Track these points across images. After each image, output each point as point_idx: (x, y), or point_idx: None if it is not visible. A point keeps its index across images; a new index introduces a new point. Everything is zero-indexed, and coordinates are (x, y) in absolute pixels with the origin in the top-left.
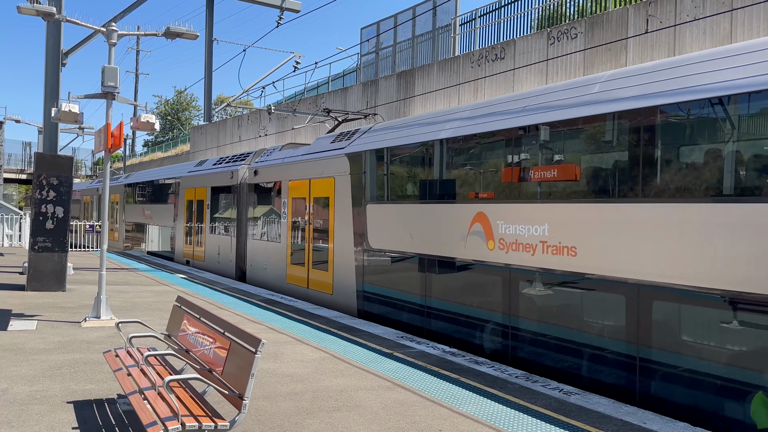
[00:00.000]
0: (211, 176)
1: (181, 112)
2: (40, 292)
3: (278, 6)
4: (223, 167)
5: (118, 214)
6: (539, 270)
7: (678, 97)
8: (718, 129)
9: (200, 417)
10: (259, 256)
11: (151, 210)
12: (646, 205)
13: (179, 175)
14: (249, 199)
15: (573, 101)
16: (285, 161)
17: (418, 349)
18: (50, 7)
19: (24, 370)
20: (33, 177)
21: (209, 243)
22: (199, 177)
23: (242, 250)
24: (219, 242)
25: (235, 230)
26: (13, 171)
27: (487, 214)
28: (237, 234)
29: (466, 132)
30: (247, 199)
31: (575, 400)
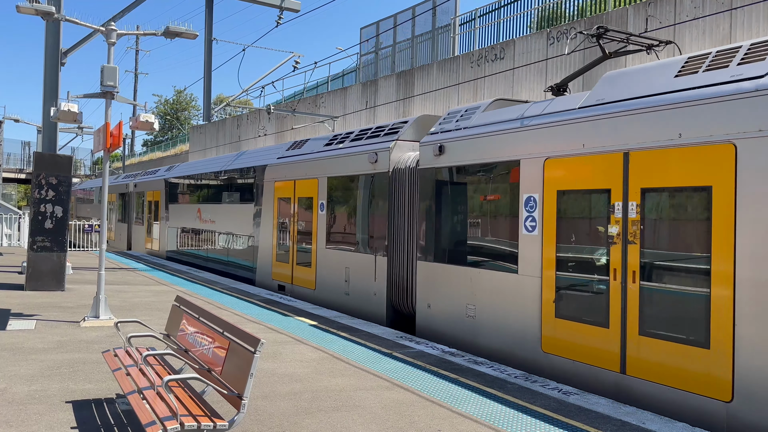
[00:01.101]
0: (329, 162)
1: (180, 112)
2: (38, 292)
3: (278, 6)
4: (352, 148)
5: (158, 216)
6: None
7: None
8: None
9: (199, 417)
10: (449, 290)
11: (213, 212)
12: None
13: (261, 164)
14: (417, 193)
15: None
16: (539, 123)
17: (417, 349)
18: (49, 7)
19: (23, 369)
20: (32, 176)
21: (325, 262)
22: (303, 165)
23: (401, 276)
24: (346, 261)
25: (387, 244)
26: (12, 170)
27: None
28: (390, 250)
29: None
30: (410, 195)
31: (574, 400)
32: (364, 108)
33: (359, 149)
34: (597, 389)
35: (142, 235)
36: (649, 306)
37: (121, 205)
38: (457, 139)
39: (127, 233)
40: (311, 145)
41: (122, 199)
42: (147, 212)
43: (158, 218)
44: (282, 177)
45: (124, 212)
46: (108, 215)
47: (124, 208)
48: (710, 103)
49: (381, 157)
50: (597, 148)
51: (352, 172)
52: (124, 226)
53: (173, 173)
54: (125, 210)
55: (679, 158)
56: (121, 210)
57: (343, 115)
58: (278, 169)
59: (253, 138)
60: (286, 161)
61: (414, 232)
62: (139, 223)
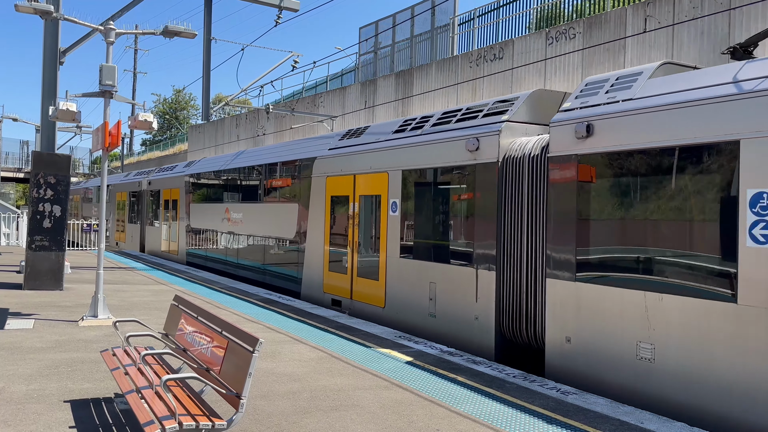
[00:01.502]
0: (405, 152)
1: (179, 111)
2: (37, 291)
3: (277, 5)
4: (439, 134)
5: (176, 216)
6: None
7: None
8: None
9: (197, 416)
10: (607, 321)
11: (245, 212)
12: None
13: (307, 156)
14: (545, 189)
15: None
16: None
17: (416, 348)
18: (48, 6)
19: (21, 369)
20: (30, 176)
21: (399, 274)
22: (366, 156)
23: (516, 296)
24: (431, 275)
25: (495, 255)
26: (10, 170)
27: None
28: (500, 262)
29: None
30: (533, 191)
31: (573, 399)
32: (363, 108)
33: (450, 135)
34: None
35: (157, 236)
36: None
37: (132, 205)
38: (619, 114)
39: (141, 235)
40: (374, 132)
41: (134, 198)
42: (163, 212)
43: (177, 219)
44: (336, 171)
45: (137, 212)
46: (118, 215)
47: (137, 207)
48: None
49: (485, 144)
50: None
51: (440, 163)
52: (137, 226)
53: (195, 169)
54: (137, 209)
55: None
56: (133, 209)
57: (342, 114)
58: (331, 162)
59: (252, 138)
60: (341, 152)
61: (539, 240)
62: (153, 223)
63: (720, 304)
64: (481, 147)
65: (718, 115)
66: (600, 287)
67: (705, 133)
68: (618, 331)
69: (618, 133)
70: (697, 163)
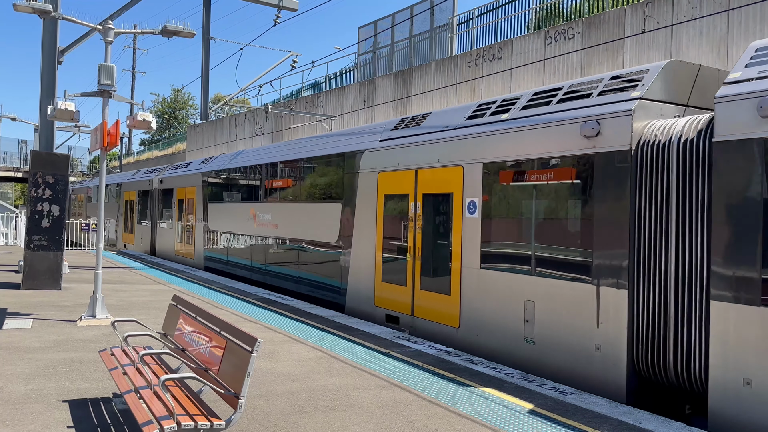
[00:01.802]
0: (486, 141)
1: (177, 111)
2: (35, 291)
3: (276, 5)
4: (536, 117)
5: (192, 217)
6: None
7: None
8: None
9: (196, 416)
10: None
11: (275, 213)
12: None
13: (353, 149)
14: (706, 184)
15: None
16: None
17: (415, 348)
18: (46, 5)
19: (19, 368)
20: (29, 175)
21: (480, 288)
22: (431, 147)
23: (657, 322)
24: (527, 291)
25: (627, 267)
26: (8, 169)
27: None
28: (634, 278)
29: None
30: (684, 188)
31: (571, 399)
32: (362, 107)
33: (553, 119)
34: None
35: (170, 239)
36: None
37: (142, 204)
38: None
39: (151, 236)
40: (439, 119)
41: (144, 197)
42: (177, 212)
43: (193, 220)
44: (391, 165)
45: (147, 212)
46: (125, 215)
47: (147, 207)
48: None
49: (611, 128)
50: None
51: (539, 153)
52: (147, 227)
53: (214, 165)
54: (148, 209)
55: None
56: (143, 209)
57: (341, 114)
58: (384, 156)
59: (251, 137)
60: (397, 144)
61: (697, 249)
62: (166, 224)
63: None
64: (604, 132)
65: None
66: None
67: None
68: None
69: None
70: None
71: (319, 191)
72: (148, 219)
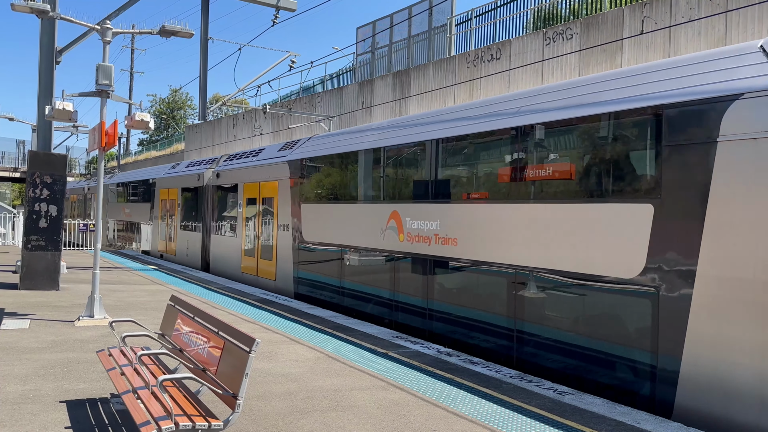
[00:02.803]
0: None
1: (176, 111)
2: (33, 291)
3: (274, 5)
4: None
5: (271, 222)
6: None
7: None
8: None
9: (194, 416)
10: None
11: (446, 219)
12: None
13: (683, 99)
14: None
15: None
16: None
17: (413, 349)
18: (44, 5)
19: (16, 369)
20: (27, 175)
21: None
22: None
23: None
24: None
25: None
26: (6, 169)
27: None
28: None
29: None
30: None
31: (569, 400)
32: (361, 108)
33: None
34: None
35: (234, 251)
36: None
37: (188, 204)
38: None
39: (203, 246)
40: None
41: (190, 195)
42: (245, 215)
43: (273, 225)
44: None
45: (195, 214)
46: (164, 218)
47: (196, 208)
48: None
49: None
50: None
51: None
52: (196, 235)
53: (312, 149)
54: (197, 211)
55: None
56: (189, 211)
57: (339, 114)
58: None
59: (249, 138)
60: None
61: None
62: (225, 231)
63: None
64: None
65: None
66: None
67: None
68: None
69: None
70: None
71: (583, 182)
72: (198, 223)
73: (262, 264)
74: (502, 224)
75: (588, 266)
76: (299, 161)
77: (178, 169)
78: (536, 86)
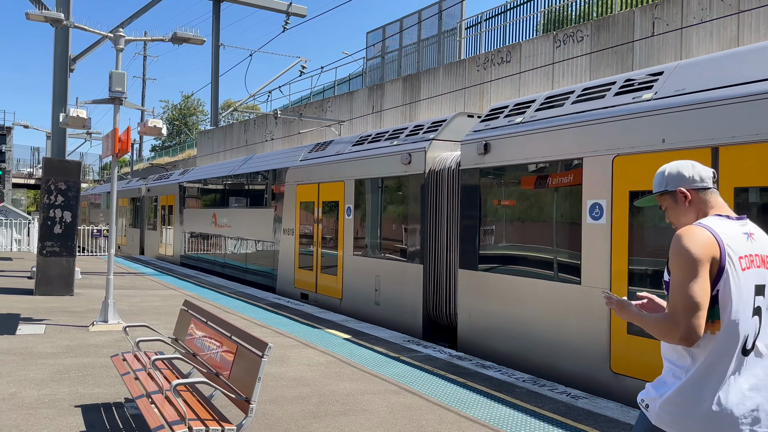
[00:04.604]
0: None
1: (188, 117)
2: (48, 297)
3: (284, 11)
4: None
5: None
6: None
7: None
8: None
9: (207, 421)
10: None
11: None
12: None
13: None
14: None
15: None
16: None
17: (425, 353)
18: (58, 14)
19: (32, 374)
20: (41, 182)
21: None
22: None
23: None
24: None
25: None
26: (21, 176)
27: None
28: None
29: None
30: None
31: (583, 404)
32: (371, 112)
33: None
34: None
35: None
36: None
37: (380, 209)
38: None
39: (426, 287)
40: None
41: (381, 192)
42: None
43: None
44: None
45: (401, 227)
46: (300, 230)
47: (404, 217)
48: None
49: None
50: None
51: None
52: (400, 266)
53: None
54: (407, 223)
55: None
56: (383, 221)
57: (350, 119)
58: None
59: (261, 143)
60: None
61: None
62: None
63: None
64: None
65: None
66: None
67: None
68: None
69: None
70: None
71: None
72: (412, 244)
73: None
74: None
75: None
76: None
77: (340, 150)
78: (543, 91)
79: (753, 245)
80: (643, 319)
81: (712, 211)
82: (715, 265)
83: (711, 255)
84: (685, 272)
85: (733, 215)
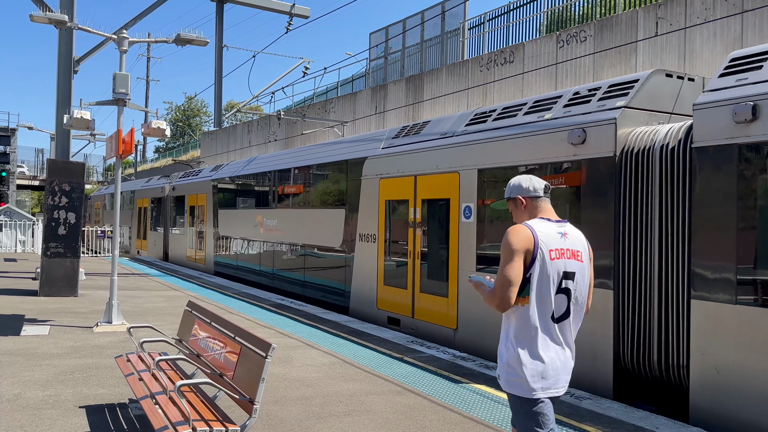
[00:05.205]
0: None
1: (191, 118)
2: (52, 298)
3: (288, 12)
4: None
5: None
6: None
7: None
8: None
9: (211, 421)
10: None
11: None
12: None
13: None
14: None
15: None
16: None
17: (428, 353)
18: (62, 15)
19: (37, 374)
20: (45, 183)
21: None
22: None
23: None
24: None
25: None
26: (25, 177)
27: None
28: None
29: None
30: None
31: (587, 405)
32: (374, 113)
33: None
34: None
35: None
36: None
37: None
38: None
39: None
40: None
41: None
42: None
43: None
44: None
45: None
46: (392, 239)
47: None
48: None
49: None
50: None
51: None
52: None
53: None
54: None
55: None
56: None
57: (353, 120)
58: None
59: (264, 144)
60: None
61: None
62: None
63: None
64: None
65: None
66: None
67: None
68: None
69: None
70: None
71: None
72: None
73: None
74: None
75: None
76: None
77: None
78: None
79: (566, 242)
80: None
81: (541, 215)
82: (530, 255)
83: (526, 247)
84: (505, 258)
85: (555, 218)
